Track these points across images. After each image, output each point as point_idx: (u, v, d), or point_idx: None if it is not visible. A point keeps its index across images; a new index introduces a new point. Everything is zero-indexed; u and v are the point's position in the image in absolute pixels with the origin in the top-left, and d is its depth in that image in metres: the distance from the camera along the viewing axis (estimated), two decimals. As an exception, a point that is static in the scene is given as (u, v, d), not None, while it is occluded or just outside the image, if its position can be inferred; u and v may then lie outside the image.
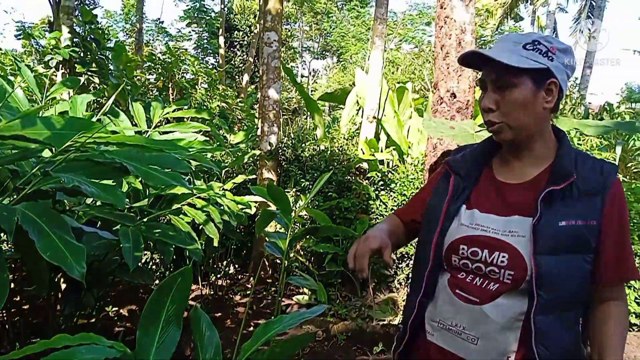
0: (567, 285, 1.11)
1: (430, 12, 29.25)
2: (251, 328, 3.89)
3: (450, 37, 2.98)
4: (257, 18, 19.32)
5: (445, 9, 2.98)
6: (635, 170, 5.11)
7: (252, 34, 19.85)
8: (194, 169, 3.62)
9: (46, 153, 2.29)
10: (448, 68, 3.05)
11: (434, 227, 1.27)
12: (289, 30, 25.55)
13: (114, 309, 3.96)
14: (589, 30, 17.70)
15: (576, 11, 21.27)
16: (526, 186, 1.21)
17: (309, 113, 7.46)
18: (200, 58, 22.68)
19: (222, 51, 16.58)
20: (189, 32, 28.88)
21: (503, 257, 1.15)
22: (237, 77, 20.32)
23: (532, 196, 1.17)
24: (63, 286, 2.76)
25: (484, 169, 1.32)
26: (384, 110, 5.64)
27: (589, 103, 10.56)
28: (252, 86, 16.56)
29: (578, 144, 4.64)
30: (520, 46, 1.14)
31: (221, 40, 16.70)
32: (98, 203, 2.71)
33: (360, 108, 6.08)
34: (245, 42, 20.52)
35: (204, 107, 6.18)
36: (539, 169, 1.22)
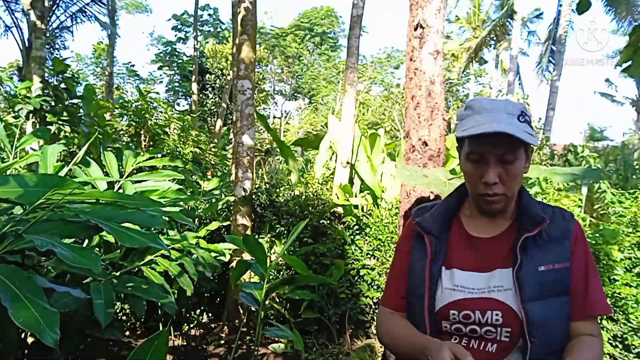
0: (555, 328, 1.14)
1: (398, 55, 30.16)
2: (226, 381, 3.78)
3: (420, 88, 3.08)
4: (228, 62, 19.56)
5: (414, 61, 3.08)
6: (602, 212, 5.27)
7: (224, 77, 20.06)
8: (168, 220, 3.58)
9: (17, 209, 2.24)
10: (419, 117, 3.13)
11: (421, 292, 1.24)
12: (261, 74, 25.92)
13: (83, 364, 3.80)
14: (550, 72, 18.47)
15: (538, 55, 22.22)
16: (499, 239, 1.24)
17: (281, 157, 7.52)
18: (171, 101, 22.74)
19: (194, 97, 16.66)
20: (160, 75, 29.07)
21: (497, 315, 1.14)
22: (209, 119, 20.39)
23: (507, 248, 1.20)
24: (30, 339, 2.66)
25: (452, 224, 1.31)
26: (357, 155, 5.72)
27: (554, 145, 10.93)
28: (225, 127, 16.62)
29: (546, 186, 4.78)
30: (515, 118, 1.15)
31: (194, 86, 16.80)
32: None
33: (333, 153, 6.15)
34: (217, 85, 20.70)
35: (177, 154, 6.15)
36: (507, 222, 1.26)
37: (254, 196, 5.24)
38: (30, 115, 4.30)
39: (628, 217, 4.22)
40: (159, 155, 4.20)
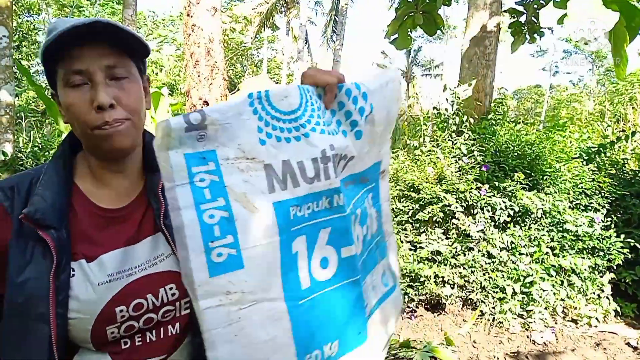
0: None
1: (191, 14, 29.08)
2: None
3: (199, 45, 2.99)
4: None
5: (192, 17, 2.97)
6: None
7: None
8: None
9: None
10: (199, 76, 3.05)
11: (42, 312, 0.84)
12: (32, 23, 22.65)
13: None
14: (334, 42, 19.77)
15: (323, 25, 23.58)
16: (138, 203, 1.00)
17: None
18: None
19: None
20: None
21: (171, 289, 0.94)
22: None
23: (150, 208, 0.99)
24: None
25: (72, 198, 0.95)
26: (139, 115, 5.41)
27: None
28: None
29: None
30: (118, 28, 0.87)
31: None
32: None
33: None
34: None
35: None
36: (141, 180, 1.02)
37: (18, 161, 4.61)
38: None
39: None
40: None
